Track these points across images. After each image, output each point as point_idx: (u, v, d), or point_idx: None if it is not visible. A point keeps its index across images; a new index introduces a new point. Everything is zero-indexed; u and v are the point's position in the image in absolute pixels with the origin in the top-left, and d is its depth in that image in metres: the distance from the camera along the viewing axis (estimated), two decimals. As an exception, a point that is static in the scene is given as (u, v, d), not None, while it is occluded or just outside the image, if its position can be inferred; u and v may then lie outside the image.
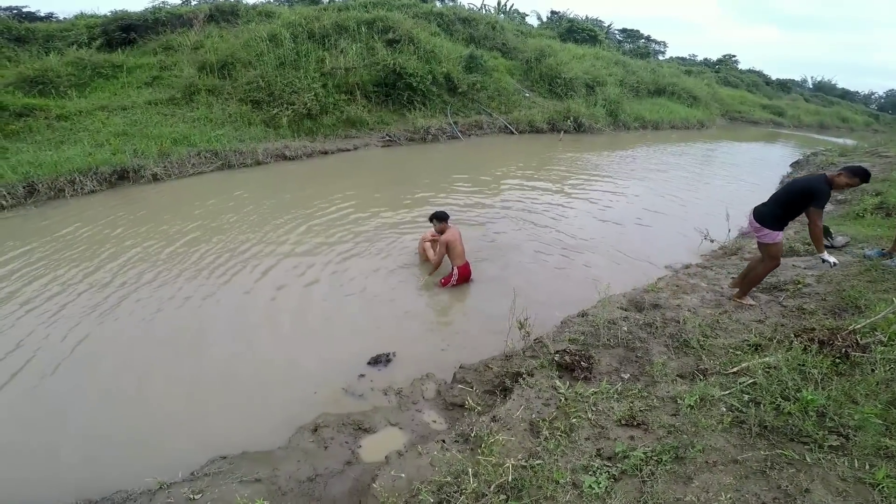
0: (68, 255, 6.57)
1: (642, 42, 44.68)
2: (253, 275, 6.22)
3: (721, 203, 9.63)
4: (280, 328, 5.19)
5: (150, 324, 5.20)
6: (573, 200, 10.00)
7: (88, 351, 4.74)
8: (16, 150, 9.90)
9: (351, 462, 3.48)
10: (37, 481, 3.37)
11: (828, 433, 2.98)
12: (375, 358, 4.64)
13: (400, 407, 4.06)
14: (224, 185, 10.03)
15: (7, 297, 5.55)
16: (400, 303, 5.72)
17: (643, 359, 4.10)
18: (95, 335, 4.97)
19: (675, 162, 15.39)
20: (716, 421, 3.13)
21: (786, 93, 43.79)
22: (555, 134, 17.78)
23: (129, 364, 4.59)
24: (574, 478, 2.83)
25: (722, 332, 4.47)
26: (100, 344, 4.85)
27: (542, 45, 22.95)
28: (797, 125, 32.04)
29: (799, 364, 3.53)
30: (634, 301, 5.33)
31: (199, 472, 3.38)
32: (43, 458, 3.56)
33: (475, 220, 8.38)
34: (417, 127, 15.18)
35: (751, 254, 6.88)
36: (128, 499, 3.15)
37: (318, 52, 15.23)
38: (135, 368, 4.53)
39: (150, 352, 4.78)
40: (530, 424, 3.36)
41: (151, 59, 15.13)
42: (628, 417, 3.29)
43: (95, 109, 12.05)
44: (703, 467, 2.84)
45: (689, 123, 23.82)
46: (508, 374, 4.15)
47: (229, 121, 12.81)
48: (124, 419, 3.93)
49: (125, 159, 9.89)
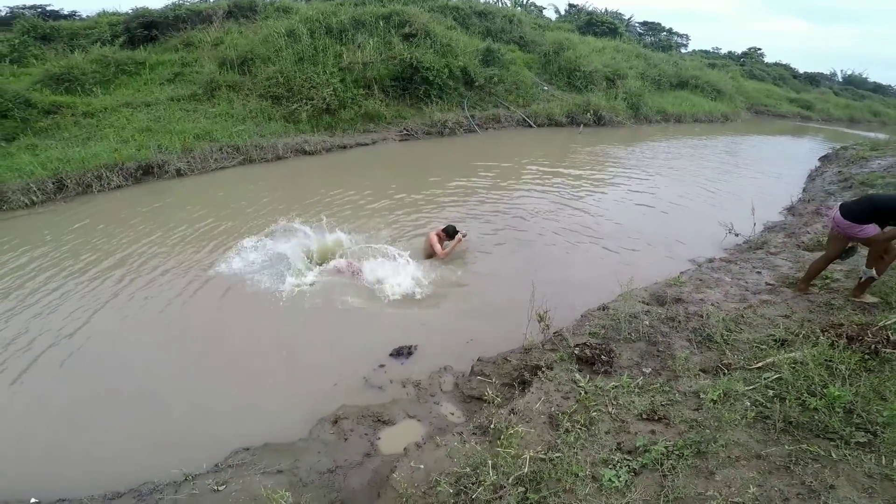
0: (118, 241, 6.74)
1: (664, 35, 43.75)
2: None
3: (746, 197, 9.42)
4: (302, 319, 5.24)
5: (173, 317, 5.29)
6: (593, 194, 9.88)
7: (113, 343, 4.85)
8: (45, 146, 10.18)
9: (370, 454, 3.51)
10: (64, 474, 3.44)
11: (855, 429, 2.90)
12: (398, 350, 4.66)
13: (418, 399, 4.08)
14: (250, 178, 10.18)
15: (45, 287, 5.71)
16: (419, 294, 5.72)
17: (665, 353, 4.04)
18: (117, 328, 5.08)
19: (698, 155, 15.09)
20: (739, 416, 3.07)
21: (814, 86, 42.45)
22: (574, 127, 17.57)
23: (155, 357, 4.68)
24: (593, 471, 2.80)
25: (746, 326, 4.37)
26: (124, 336, 4.96)
27: (560, 38, 22.64)
28: (826, 119, 31.08)
29: (826, 359, 3.44)
30: (656, 295, 5.25)
31: (222, 463, 3.44)
32: (71, 451, 3.64)
33: (494, 212, 8.34)
34: (434, 121, 15.14)
35: (776, 248, 6.72)
36: (154, 490, 3.22)
37: (336, 47, 15.29)
38: (160, 362, 4.61)
39: (174, 345, 4.87)
40: (549, 417, 3.34)
41: (173, 55, 15.37)
42: (649, 412, 3.25)
43: (120, 106, 12.32)
44: (725, 462, 2.79)
45: (712, 117, 23.30)
46: (527, 367, 4.12)
47: (250, 116, 12.96)
48: (150, 412, 4.00)
49: (150, 155, 10.10)
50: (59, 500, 3.19)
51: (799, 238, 7.10)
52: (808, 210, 9.00)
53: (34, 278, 5.95)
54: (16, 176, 8.72)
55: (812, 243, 6.70)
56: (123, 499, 3.18)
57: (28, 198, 8.38)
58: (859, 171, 11.49)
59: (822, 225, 7.63)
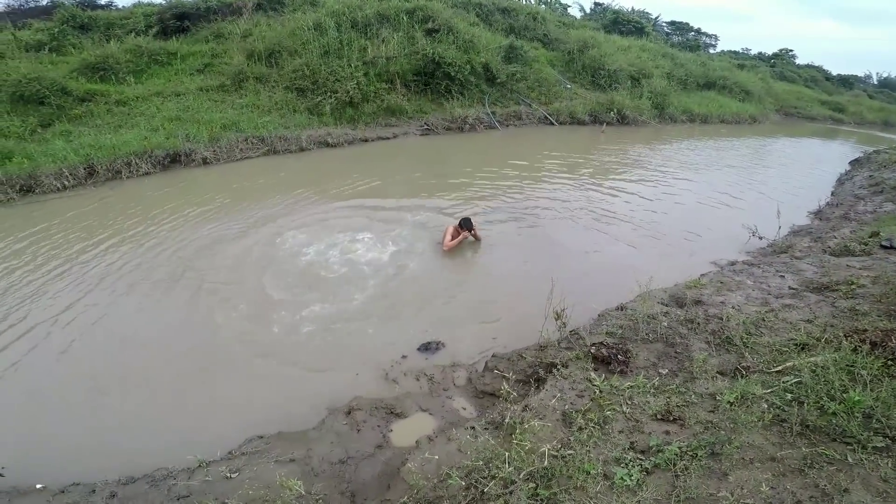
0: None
1: (692, 35, 42.85)
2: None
3: (772, 199, 9.24)
4: (323, 308, 5.32)
5: (192, 303, 5.41)
6: (615, 193, 9.79)
7: (128, 327, 4.97)
8: (78, 133, 10.50)
9: (382, 446, 3.56)
10: (78, 458, 3.52)
11: (873, 434, 2.86)
12: (426, 345, 4.70)
13: (431, 393, 4.12)
14: (279, 167, 10.34)
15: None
16: (443, 288, 5.78)
17: (682, 355, 4.01)
18: (135, 312, 5.21)
19: (723, 156, 14.83)
20: (755, 418, 3.04)
21: (847, 88, 41.25)
22: (597, 126, 17.38)
23: (169, 344, 4.77)
24: (606, 469, 2.81)
25: (767, 330, 4.30)
26: (141, 320, 5.08)
27: (585, 36, 22.39)
28: (859, 122, 30.19)
29: (848, 364, 3.37)
30: (675, 297, 5.20)
31: (236, 451, 3.50)
32: (85, 436, 3.72)
33: (515, 208, 8.34)
34: (455, 116, 15.16)
35: (801, 252, 6.58)
36: (168, 476, 3.28)
37: (361, 41, 15.38)
38: (174, 348, 4.70)
39: (188, 331, 4.96)
40: (563, 415, 3.34)
41: (203, 46, 15.66)
42: (664, 412, 3.23)
43: (151, 95, 12.63)
44: (739, 464, 2.78)
45: (740, 118, 22.81)
46: (542, 365, 4.13)
47: (275, 108, 13.14)
48: (165, 398, 4.08)
49: (178, 143, 10.36)
50: (73, 483, 3.25)
51: (825, 243, 6.95)
52: (837, 214, 8.79)
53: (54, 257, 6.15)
54: (50, 161, 9.02)
55: (839, 248, 6.55)
56: (137, 484, 3.24)
57: (60, 182, 8.67)
58: (892, 176, 11.17)
59: (850, 230, 7.45)
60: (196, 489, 3.14)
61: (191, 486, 3.15)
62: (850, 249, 6.42)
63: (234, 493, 3.05)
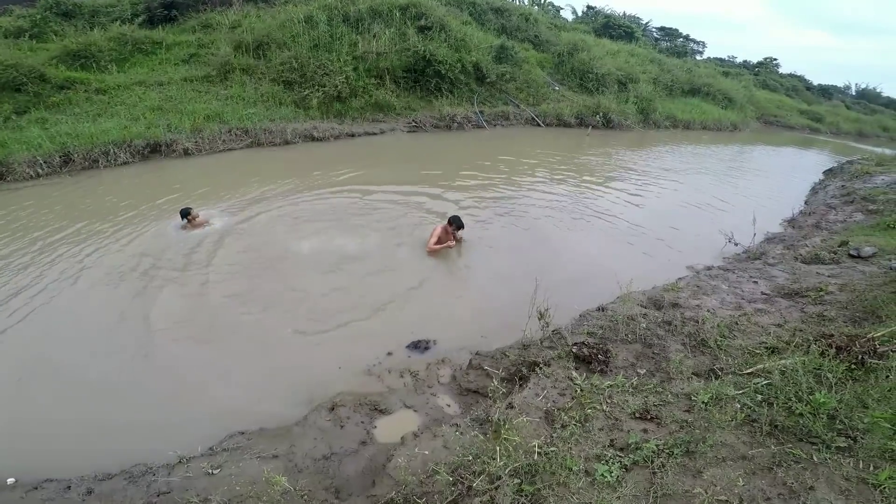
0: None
1: (680, 41, 43.51)
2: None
3: (748, 207, 9.49)
4: (305, 302, 5.34)
5: (168, 295, 5.37)
6: (598, 196, 9.96)
7: (103, 320, 4.91)
8: (55, 121, 10.30)
9: (366, 442, 3.60)
10: (53, 453, 3.45)
11: (836, 434, 2.99)
12: (415, 343, 4.74)
13: (415, 390, 4.18)
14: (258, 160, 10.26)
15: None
16: (425, 285, 5.84)
17: (660, 355, 4.14)
18: (110, 305, 5.14)
19: (703, 163, 15.13)
20: (728, 418, 3.18)
21: (827, 98, 42.33)
22: (583, 128, 17.60)
23: (148, 336, 4.72)
24: (587, 466, 2.91)
25: (740, 333, 4.47)
26: (116, 314, 5.01)
27: (575, 39, 22.63)
28: (835, 132, 31.02)
29: (815, 368, 3.54)
30: (654, 299, 5.35)
31: (217, 447, 3.49)
32: (60, 431, 3.65)
33: (499, 208, 8.44)
34: (444, 114, 15.23)
35: (774, 259, 6.81)
36: (147, 472, 3.25)
37: (352, 36, 15.34)
38: (153, 340, 4.66)
39: (168, 324, 4.91)
40: (545, 413, 3.44)
41: (190, 36, 15.42)
42: (642, 411, 3.35)
43: (133, 84, 12.42)
44: (712, 462, 2.90)
45: (721, 125, 23.26)
46: (525, 363, 4.22)
47: (261, 100, 13.05)
48: (144, 392, 4.04)
49: (159, 133, 10.22)
50: (47, 479, 3.20)
51: (797, 250, 7.19)
52: (809, 223, 9.07)
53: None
54: (24, 148, 8.84)
55: (810, 256, 6.78)
56: (114, 480, 3.20)
57: (34, 170, 8.51)
58: (862, 186, 11.54)
59: (820, 239, 7.71)
60: (176, 485, 3.13)
61: (171, 483, 3.14)
62: (821, 258, 6.66)
63: (216, 489, 3.06)
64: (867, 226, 8.42)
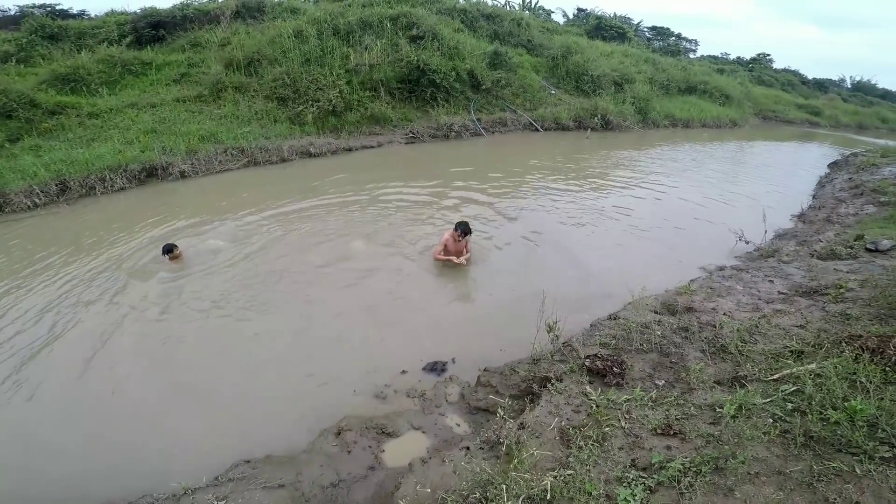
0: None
1: (672, 40, 43.60)
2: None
3: (755, 203, 9.29)
4: (313, 327, 5.16)
5: (172, 321, 5.21)
6: (601, 198, 9.78)
7: (106, 349, 4.76)
8: (49, 147, 10.16)
9: (374, 467, 3.43)
10: (57, 486, 3.35)
11: (879, 444, 2.77)
12: (432, 365, 4.54)
13: (423, 410, 3.99)
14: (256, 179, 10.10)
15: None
16: (432, 298, 5.66)
17: (678, 364, 3.92)
18: (115, 333, 5.00)
19: (706, 161, 14.98)
20: (759, 431, 2.95)
21: (823, 92, 42.31)
22: (581, 131, 17.48)
23: (154, 364, 4.58)
24: (608, 489, 2.69)
25: (761, 337, 4.24)
26: (119, 341, 4.87)
27: (568, 42, 22.59)
28: (834, 125, 30.92)
29: (849, 372, 3.31)
30: (667, 304, 5.13)
31: (223, 476, 3.34)
32: (63, 462, 3.54)
33: (500, 216, 8.26)
34: (441, 124, 15.09)
35: (788, 256, 6.59)
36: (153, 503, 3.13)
37: (343, 49, 15.23)
38: (159, 368, 4.53)
39: (175, 351, 4.77)
40: (560, 432, 3.22)
41: (180, 56, 15.34)
42: (664, 426, 3.13)
43: (125, 107, 12.28)
44: (745, 479, 2.68)
45: (720, 122, 23.18)
46: (536, 379, 4.01)
47: (255, 118, 12.89)
48: (147, 421, 3.91)
49: (154, 157, 10.07)
50: None
51: (811, 246, 6.97)
52: (819, 217, 8.86)
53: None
54: (18, 178, 8.68)
55: (825, 252, 6.57)
56: None
57: (31, 200, 8.36)
58: (870, 178, 11.34)
59: (834, 233, 7.50)
60: (180, 517, 2.97)
61: (175, 515, 2.98)
62: (837, 253, 6.44)
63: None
64: (881, 218, 8.21)
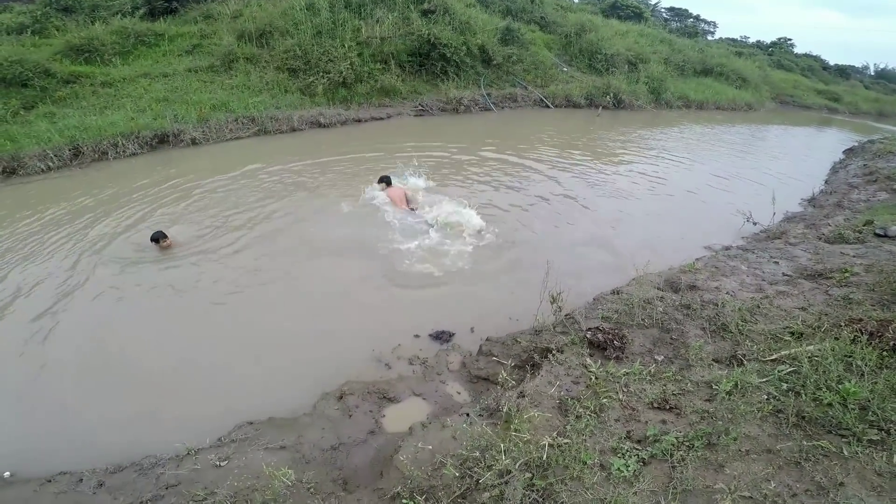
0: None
1: (690, 21, 42.55)
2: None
3: (766, 186, 9.20)
4: (307, 298, 5.22)
5: (178, 284, 5.28)
6: (610, 176, 9.73)
7: (113, 311, 4.84)
8: (63, 115, 10.24)
9: (374, 431, 3.50)
10: (65, 446, 3.43)
11: (868, 427, 2.83)
12: (438, 333, 4.60)
13: (424, 377, 4.06)
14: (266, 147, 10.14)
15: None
16: (435, 268, 5.70)
17: (678, 341, 3.97)
18: (119, 294, 5.07)
19: (718, 142, 14.79)
20: (753, 408, 3.01)
21: (844, 79, 41.16)
22: (592, 109, 17.23)
23: (156, 327, 4.66)
24: (602, 459, 2.77)
25: (762, 317, 4.27)
26: (125, 304, 4.95)
27: (582, 19, 22.11)
28: (854, 112, 30.18)
29: (845, 355, 3.34)
30: (670, 281, 5.15)
31: (225, 437, 3.42)
32: (71, 423, 3.62)
33: (513, 189, 8.26)
34: (450, 97, 14.96)
35: (796, 238, 6.56)
36: (156, 464, 3.21)
37: (355, 22, 15.05)
38: (162, 331, 4.61)
39: (178, 314, 4.85)
40: (558, 402, 3.29)
41: (192, 27, 15.23)
42: (661, 400, 3.19)
43: (138, 76, 12.30)
44: (735, 455, 2.74)
45: (736, 105, 22.70)
46: (537, 350, 4.08)
47: (266, 88, 12.90)
48: (152, 384, 3.98)
49: (166, 124, 10.18)
50: (60, 472, 3.17)
51: (819, 230, 6.93)
52: (830, 202, 8.78)
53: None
54: (33, 143, 8.81)
55: (833, 236, 6.53)
56: (125, 472, 3.16)
57: (44, 164, 8.48)
58: (886, 166, 11.16)
59: (843, 218, 7.44)
60: (184, 478, 3.07)
61: (179, 475, 3.08)
62: (844, 237, 6.40)
63: (223, 481, 2.98)
64: (892, 205, 8.11)
